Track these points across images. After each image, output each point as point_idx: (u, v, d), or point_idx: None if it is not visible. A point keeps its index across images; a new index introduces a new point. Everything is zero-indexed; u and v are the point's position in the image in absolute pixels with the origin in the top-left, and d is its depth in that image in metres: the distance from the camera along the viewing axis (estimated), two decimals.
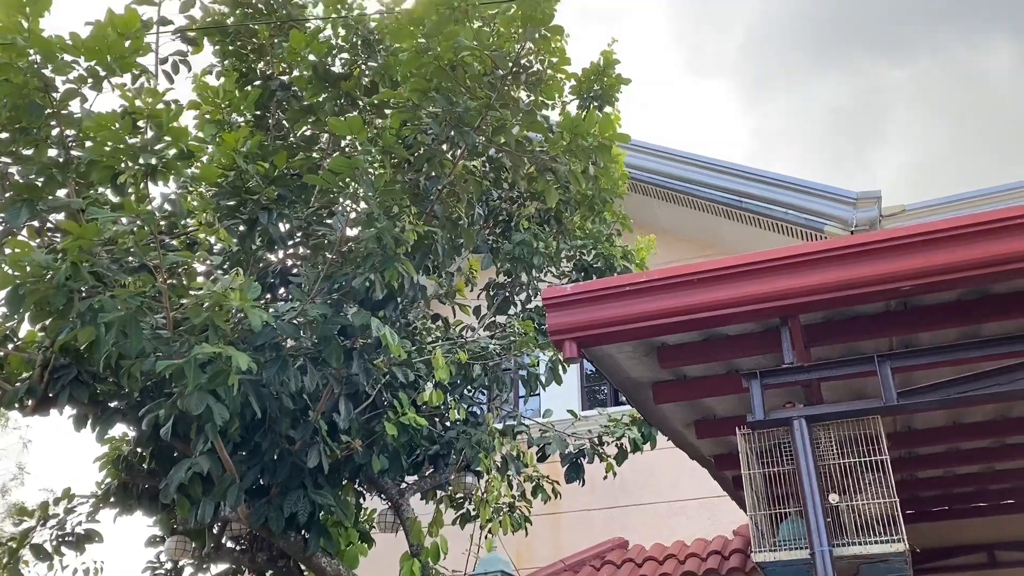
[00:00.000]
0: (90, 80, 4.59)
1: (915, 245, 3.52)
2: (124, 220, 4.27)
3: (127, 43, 4.53)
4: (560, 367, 6.78)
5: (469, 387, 6.77)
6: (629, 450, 7.06)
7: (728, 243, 9.97)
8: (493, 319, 7.36)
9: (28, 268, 4.12)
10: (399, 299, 5.93)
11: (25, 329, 5.82)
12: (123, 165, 4.34)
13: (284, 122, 6.70)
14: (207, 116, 6.11)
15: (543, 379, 6.78)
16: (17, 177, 4.95)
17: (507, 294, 7.41)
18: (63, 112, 4.74)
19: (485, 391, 7.31)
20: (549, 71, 5.75)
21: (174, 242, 5.92)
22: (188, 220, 5.78)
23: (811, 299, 3.70)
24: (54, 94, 4.56)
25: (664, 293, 3.90)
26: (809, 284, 3.67)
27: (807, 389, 4.23)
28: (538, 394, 7.48)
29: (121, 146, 4.29)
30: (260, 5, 6.61)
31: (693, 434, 5.31)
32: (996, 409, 5.04)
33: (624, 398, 4.94)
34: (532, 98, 5.87)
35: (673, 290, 3.89)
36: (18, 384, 5.65)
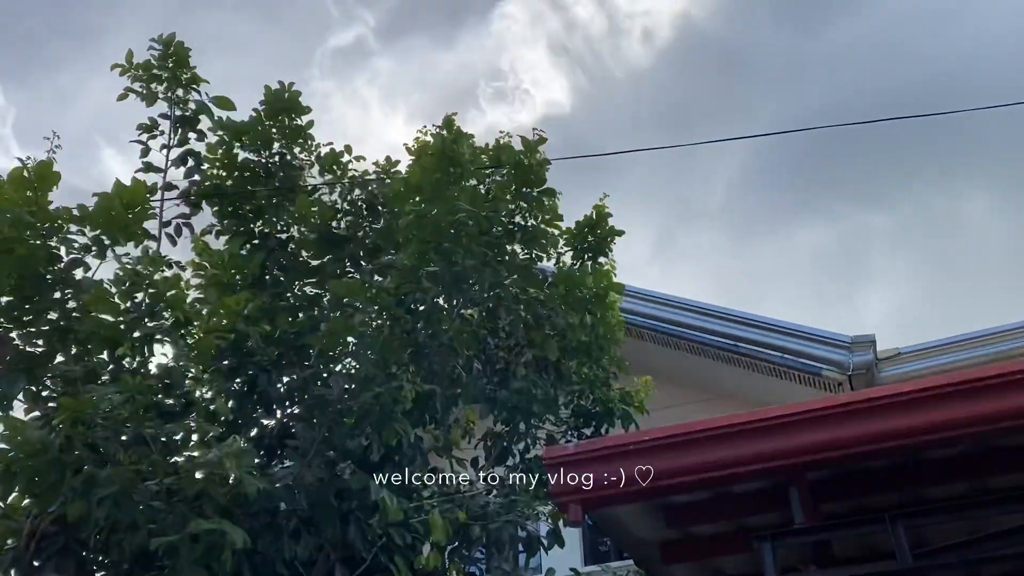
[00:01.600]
0: (94, 249, 4.67)
1: (921, 401, 3.51)
2: (119, 395, 4.25)
3: (132, 213, 4.64)
4: (561, 527, 6.59)
5: (467, 548, 6.54)
6: None
7: (726, 387, 9.91)
8: (491, 470, 7.20)
9: (22, 444, 4.05)
10: (397, 457, 5.83)
11: (13, 495, 5.67)
12: (121, 336, 4.36)
13: (282, 279, 6.77)
14: (207, 280, 6.19)
15: (544, 542, 6.58)
16: (18, 342, 4.95)
17: (505, 444, 7.29)
18: (66, 277, 4.80)
19: (483, 550, 7.07)
20: (543, 226, 5.89)
21: (169, 400, 5.86)
22: (186, 381, 5.73)
23: (818, 457, 3.65)
24: (59, 264, 4.62)
25: (670, 452, 3.84)
26: (815, 442, 3.63)
27: (818, 548, 4.11)
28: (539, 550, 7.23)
29: (118, 319, 4.32)
30: (258, 169, 6.82)
31: None
32: (1013, 564, 4.89)
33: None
34: (528, 252, 5.98)
35: (679, 449, 3.83)
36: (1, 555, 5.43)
